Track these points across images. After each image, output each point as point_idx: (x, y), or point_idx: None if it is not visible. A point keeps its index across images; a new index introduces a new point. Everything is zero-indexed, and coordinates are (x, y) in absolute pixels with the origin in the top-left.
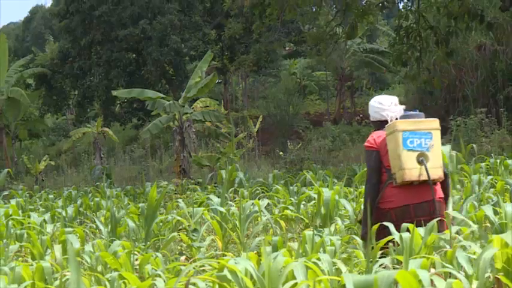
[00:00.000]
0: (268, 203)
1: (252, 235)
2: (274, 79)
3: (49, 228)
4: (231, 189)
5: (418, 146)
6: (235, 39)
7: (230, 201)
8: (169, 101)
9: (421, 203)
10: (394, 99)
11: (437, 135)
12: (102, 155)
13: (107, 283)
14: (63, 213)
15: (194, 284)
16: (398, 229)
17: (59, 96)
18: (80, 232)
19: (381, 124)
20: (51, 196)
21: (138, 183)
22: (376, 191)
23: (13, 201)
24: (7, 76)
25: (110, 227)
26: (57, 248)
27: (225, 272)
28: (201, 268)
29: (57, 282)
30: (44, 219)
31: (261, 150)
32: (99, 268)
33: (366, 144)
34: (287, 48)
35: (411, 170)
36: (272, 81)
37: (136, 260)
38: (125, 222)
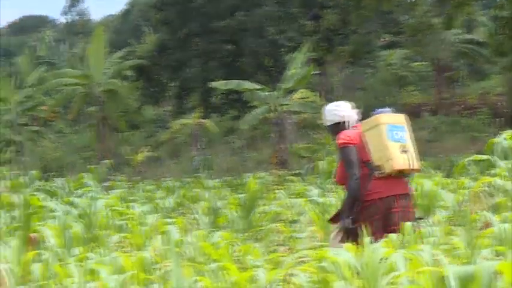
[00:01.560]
0: None
1: None
2: (372, 70)
3: (150, 219)
4: (329, 180)
5: (400, 138)
6: (331, 30)
7: (329, 192)
8: (266, 92)
9: (403, 195)
10: (350, 103)
11: (408, 128)
12: (201, 146)
13: (208, 274)
14: (164, 204)
15: (294, 275)
16: (384, 219)
17: (157, 87)
18: (180, 223)
19: (337, 127)
20: (151, 187)
21: (237, 174)
22: (359, 184)
23: (114, 192)
24: (105, 68)
25: (209, 217)
26: (158, 239)
27: (325, 263)
28: (301, 259)
29: (158, 273)
30: (145, 210)
31: None
32: (200, 259)
33: (340, 141)
34: (384, 39)
35: (399, 160)
36: (369, 72)
37: (236, 250)
38: (224, 212)
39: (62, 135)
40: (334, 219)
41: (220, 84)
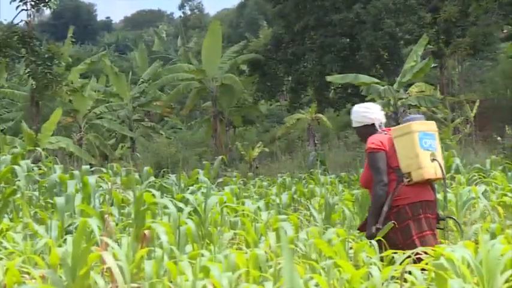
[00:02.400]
0: (485, 189)
1: (470, 222)
2: (492, 63)
3: (263, 215)
4: (447, 175)
5: (430, 146)
6: (451, 22)
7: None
8: (383, 86)
9: (430, 201)
10: (378, 106)
11: (437, 136)
12: (316, 141)
13: (322, 271)
14: (277, 200)
15: (410, 273)
16: (414, 225)
17: (273, 82)
18: (293, 219)
19: (366, 130)
20: (265, 183)
21: (352, 170)
22: (386, 191)
23: (227, 189)
24: (221, 62)
25: (324, 214)
26: (272, 236)
27: (442, 260)
28: (417, 256)
29: (271, 270)
30: (258, 207)
31: (478, 135)
32: (313, 256)
33: (371, 146)
34: (505, 31)
35: (429, 168)
36: (489, 65)
37: (351, 248)
38: (339, 209)
39: (176, 131)
40: (362, 227)
41: (336, 78)
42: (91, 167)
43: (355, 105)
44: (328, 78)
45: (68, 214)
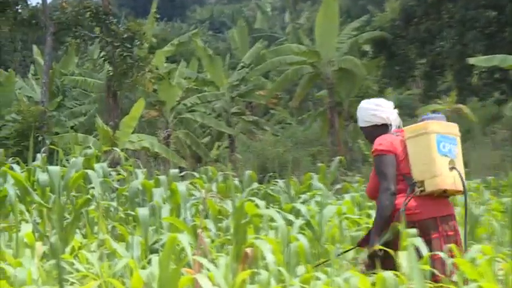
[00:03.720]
0: None
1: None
2: None
3: None
4: None
5: (449, 151)
6: None
7: None
8: None
9: (446, 216)
10: (390, 102)
11: (459, 141)
12: None
13: None
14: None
15: None
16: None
17: (402, 66)
18: None
19: (376, 130)
20: None
21: (502, 173)
22: (394, 202)
23: (347, 197)
24: (338, 42)
25: (466, 227)
26: (402, 255)
27: None
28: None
29: None
30: None
31: None
32: (454, 278)
33: (378, 147)
34: None
35: (445, 178)
36: None
37: (500, 269)
38: (485, 221)
39: (284, 127)
40: (362, 243)
41: (480, 61)
42: (181, 171)
43: (363, 101)
44: (470, 61)
45: (153, 229)
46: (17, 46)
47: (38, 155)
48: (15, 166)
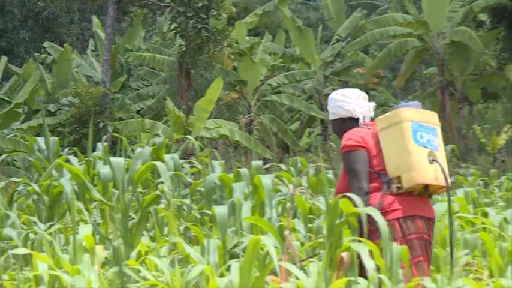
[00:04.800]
0: None
1: None
2: None
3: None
4: None
5: (428, 142)
6: None
7: None
8: None
9: (429, 219)
10: (362, 93)
11: (440, 132)
12: None
13: None
14: None
15: None
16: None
17: None
18: None
19: (343, 124)
20: None
21: None
22: (368, 202)
23: (460, 192)
24: (450, 11)
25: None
26: None
27: None
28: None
29: None
30: (505, 218)
31: None
32: None
33: (346, 143)
34: None
35: (424, 171)
36: None
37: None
38: None
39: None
40: None
41: None
42: (265, 163)
43: (333, 91)
44: None
45: (232, 230)
46: (73, 17)
47: (99, 145)
48: (72, 158)
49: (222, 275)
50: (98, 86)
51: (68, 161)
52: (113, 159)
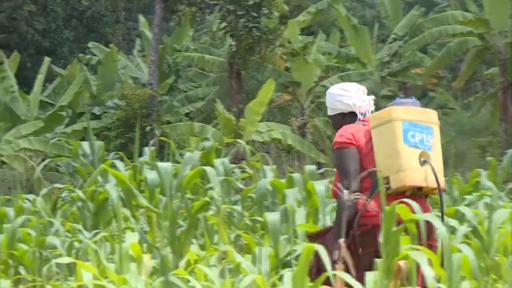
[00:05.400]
0: None
1: None
2: None
3: None
4: None
5: (420, 142)
6: None
7: None
8: None
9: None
10: (362, 86)
11: (437, 131)
12: None
13: None
14: None
15: None
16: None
17: None
18: None
19: (343, 119)
20: None
21: None
22: (356, 202)
23: None
24: None
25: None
26: None
27: None
28: None
29: None
30: None
31: None
32: None
33: (338, 140)
34: None
35: (413, 172)
36: None
37: None
38: None
39: (446, 112)
40: (313, 236)
41: None
42: (319, 168)
43: (332, 86)
44: None
45: (285, 238)
46: (119, 16)
47: (146, 149)
48: (118, 163)
49: (274, 285)
50: (145, 88)
51: (113, 166)
52: (160, 164)
